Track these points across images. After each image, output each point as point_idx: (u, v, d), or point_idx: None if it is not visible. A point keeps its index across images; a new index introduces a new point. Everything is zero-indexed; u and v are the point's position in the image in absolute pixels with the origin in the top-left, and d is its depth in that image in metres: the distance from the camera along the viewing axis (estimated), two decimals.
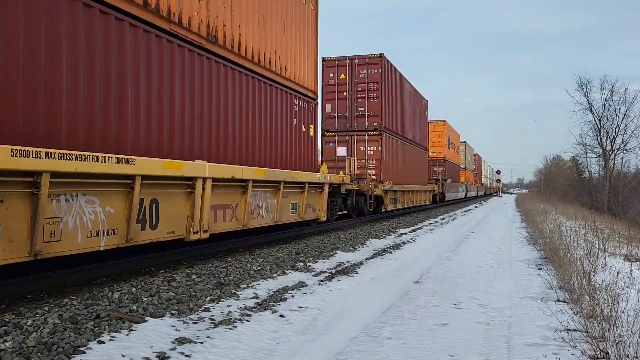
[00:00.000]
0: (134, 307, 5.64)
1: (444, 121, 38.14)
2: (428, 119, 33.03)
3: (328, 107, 20.51)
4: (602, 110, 40.58)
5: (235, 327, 5.32)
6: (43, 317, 5.01)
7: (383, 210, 21.25)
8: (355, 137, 20.37)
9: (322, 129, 20.07)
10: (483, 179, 77.38)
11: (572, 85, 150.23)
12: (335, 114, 20.43)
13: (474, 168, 63.58)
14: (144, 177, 6.85)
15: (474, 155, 65.65)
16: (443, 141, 37.59)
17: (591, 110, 40.82)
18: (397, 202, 23.06)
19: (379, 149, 20.28)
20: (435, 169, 36.67)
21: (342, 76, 20.34)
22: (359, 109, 20.36)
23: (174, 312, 5.65)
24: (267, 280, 7.59)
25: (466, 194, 51.43)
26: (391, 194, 21.69)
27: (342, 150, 20.22)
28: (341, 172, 17.95)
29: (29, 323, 4.81)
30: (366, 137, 20.34)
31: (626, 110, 39.77)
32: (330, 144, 20.39)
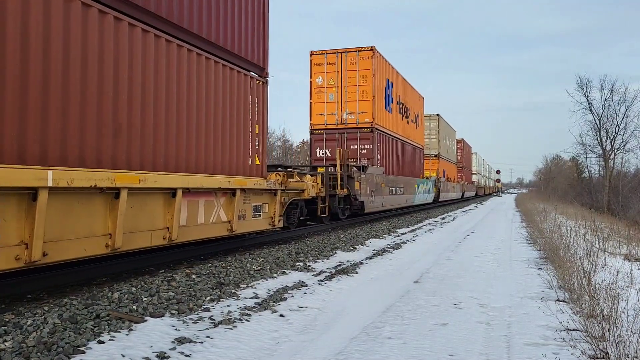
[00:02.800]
0: (134, 307, 5.64)
1: (373, 48, 19.31)
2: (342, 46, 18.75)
3: None
4: (602, 110, 40.73)
5: (235, 326, 5.32)
6: (43, 317, 5.01)
7: None
8: None
9: None
10: (475, 176, 61.24)
11: (572, 85, 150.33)
12: None
13: (459, 160, 47.12)
14: None
15: (459, 141, 48.51)
16: (370, 90, 19.20)
17: (591, 110, 40.97)
18: None
19: None
20: (355, 146, 19.35)
21: None
22: None
23: (173, 311, 5.65)
24: (267, 280, 7.59)
25: (437, 197, 32.69)
26: None
27: None
28: None
29: (28, 323, 4.81)
30: None
31: (626, 109, 39.94)
32: None
